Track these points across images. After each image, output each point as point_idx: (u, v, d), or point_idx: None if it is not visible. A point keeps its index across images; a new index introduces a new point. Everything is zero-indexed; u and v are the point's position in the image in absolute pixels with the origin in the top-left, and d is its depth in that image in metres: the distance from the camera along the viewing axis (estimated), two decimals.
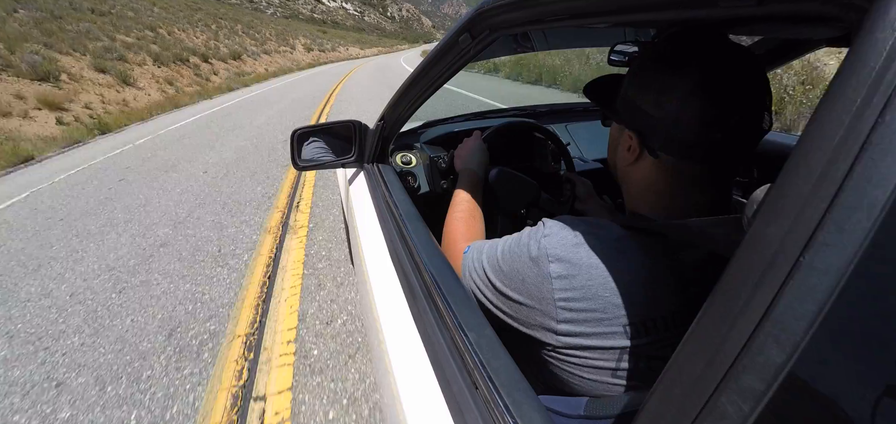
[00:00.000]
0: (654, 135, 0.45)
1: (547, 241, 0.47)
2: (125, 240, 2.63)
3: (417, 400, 0.49)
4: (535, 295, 0.47)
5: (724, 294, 0.22)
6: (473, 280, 0.56)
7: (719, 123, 0.42)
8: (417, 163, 1.31)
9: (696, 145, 0.43)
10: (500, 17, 0.55)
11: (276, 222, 2.80)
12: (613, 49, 0.81)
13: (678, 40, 0.45)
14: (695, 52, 0.43)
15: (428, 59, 0.77)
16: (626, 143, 0.50)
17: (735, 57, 0.42)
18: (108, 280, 2.20)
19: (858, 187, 0.18)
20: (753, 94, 0.42)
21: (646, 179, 0.49)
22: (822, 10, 0.23)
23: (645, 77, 0.47)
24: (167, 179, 3.79)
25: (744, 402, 0.20)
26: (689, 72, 0.42)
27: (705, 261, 0.45)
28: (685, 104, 0.42)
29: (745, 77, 0.42)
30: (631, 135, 0.48)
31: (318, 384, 1.49)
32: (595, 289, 0.43)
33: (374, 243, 0.85)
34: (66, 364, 1.62)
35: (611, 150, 0.57)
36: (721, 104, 0.41)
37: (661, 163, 0.47)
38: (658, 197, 0.49)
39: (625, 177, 0.53)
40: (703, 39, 0.44)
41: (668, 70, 0.44)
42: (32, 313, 1.96)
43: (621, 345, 0.43)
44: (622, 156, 0.51)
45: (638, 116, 0.47)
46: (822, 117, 0.19)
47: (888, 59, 0.17)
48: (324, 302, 1.94)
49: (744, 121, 0.42)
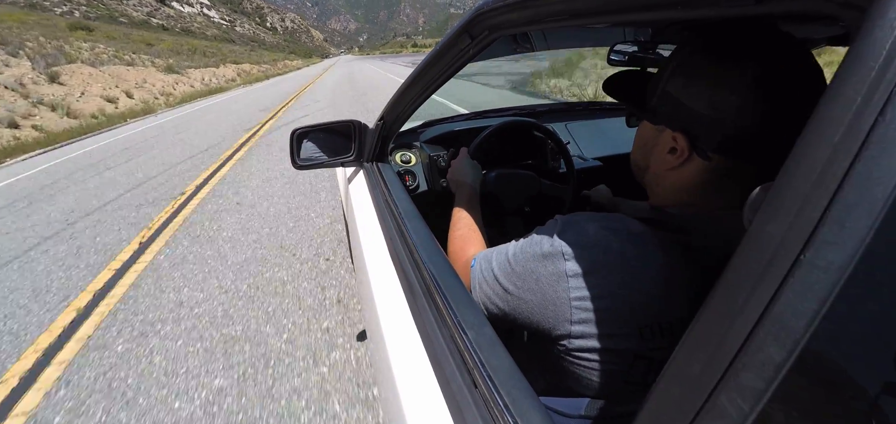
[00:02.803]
0: (707, 135, 0.42)
1: (561, 238, 0.45)
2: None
3: (417, 399, 0.49)
4: (550, 294, 0.45)
5: (725, 292, 0.22)
6: (484, 290, 0.54)
7: (780, 121, 0.39)
8: (417, 162, 1.31)
9: (755, 145, 0.40)
10: (500, 18, 0.55)
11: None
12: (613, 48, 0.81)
13: (733, 32, 0.41)
14: (753, 43, 0.40)
15: (427, 59, 0.77)
16: (667, 145, 0.46)
17: (792, 48, 0.40)
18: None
19: (858, 185, 0.18)
20: (811, 86, 0.39)
21: (688, 181, 0.45)
22: (822, 10, 0.23)
23: (693, 72, 0.43)
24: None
25: (743, 400, 0.20)
26: (749, 66, 0.39)
27: (727, 260, 0.44)
28: (746, 100, 0.39)
29: (803, 69, 0.40)
30: (675, 136, 0.44)
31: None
32: (612, 288, 0.42)
33: (373, 242, 0.85)
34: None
35: (641, 152, 0.52)
36: (782, 101, 0.39)
37: (710, 165, 0.43)
38: (691, 196, 0.46)
39: (661, 180, 0.49)
40: (760, 30, 0.41)
41: (723, 64, 0.40)
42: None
43: (635, 348, 0.42)
44: (663, 159, 0.47)
45: (685, 115, 0.43)
46: (822, 115, 0.19)
47: (887, 58, 0.17)
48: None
49: (801, 115, 0.41)
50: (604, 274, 0.42)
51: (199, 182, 4.14)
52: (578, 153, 1.48)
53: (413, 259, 0.65)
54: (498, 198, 1.07)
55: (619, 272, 0.42)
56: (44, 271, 2.56)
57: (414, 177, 1.28)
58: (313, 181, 3.74)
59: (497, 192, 1.06)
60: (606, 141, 1.55)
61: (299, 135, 1.09)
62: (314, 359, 1.62)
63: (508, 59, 2.84)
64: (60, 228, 3.25)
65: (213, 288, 2.18)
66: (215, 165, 4.75)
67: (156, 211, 3.42)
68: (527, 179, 1.09)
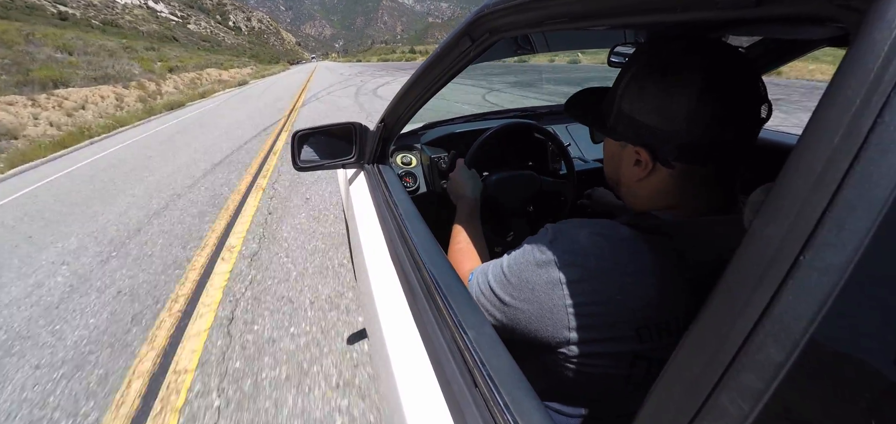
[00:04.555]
0: (665, 146, 0.44)
1: (553, 247, 0.46)
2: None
3: (417, 398, 0.49)
4: (546, 303, 0.45)
5: (725, 293, 0.22)
6: (481, 303, 0.54)
7: (729, 121, 0.42)
8: (417, 164, 1.31)
9: (709, 147, 0.43)
10: (500, 21, 0.55)
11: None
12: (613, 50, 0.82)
13: (669, 48, 0.44)
14: (691, 55, 0.43)
15: (428, 61, 0.77)
16: (631, 159, 0.48)
17: (726, 53, 0.43)
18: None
19: (858, 186, 0.18)
20: (751, 87, 0.43)
21: (658, 189, 0.48)
22: (821, 12, 0.23)
23: (641, 89, 0.45)
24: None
25: (743, 401, 0.20)
26: (692, 77, 0.41)
27: (716, 262, 0.45)
28: (694, 109, 0.41)
29: (740, 71, 0.43)
30: (638, 150, 0.47)
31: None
32: (606, 293, 0.42)
33: (374, 243, 0.85)
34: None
35: (611, 166, 0.55)
36: (728, 102, 0.42)
37: (674, 172, 0.46)
38: (668, 201, 0.48)
39: (634, 190, 0.51)
40: (694, 42, 0.44)
41: (667, 78, 0.43)
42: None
43: (634, 349, 0.42)
44: (630, 172, 0.49)
45: (642, 131, 0.45)
46: (822, 117, 0.19)
47: (886, 60, 0.17)
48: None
49: (748, 115, 0.43)
50: (598, 279, 0.43)
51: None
52: (579, 154, 1.48)
53: (413, 259, 0.66)
54: (500, 202, 1.07)
55: (613, 276, 0.42)
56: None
57: (414, 178, 1.29)
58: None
59: (498, 197, 1.07)
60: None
61: (301, 137, 1.10)
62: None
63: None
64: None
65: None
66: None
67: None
68: (526, 179, 1.10)
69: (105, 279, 2.52)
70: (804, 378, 0.19)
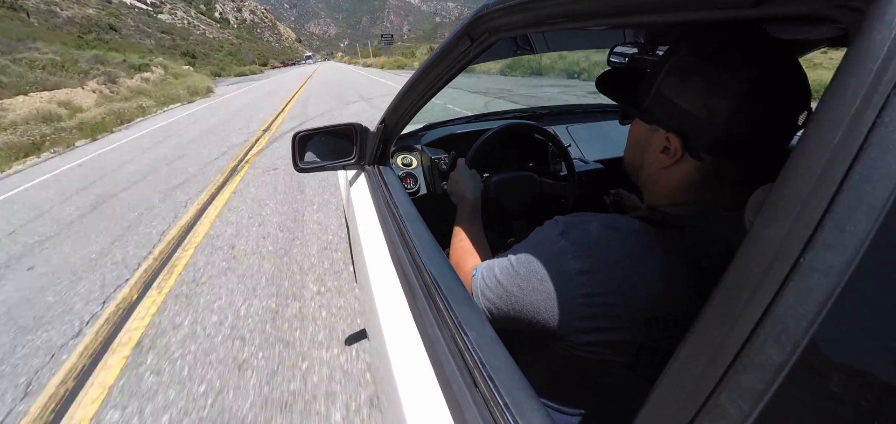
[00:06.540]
0: (700, 137, 0.43)
1: (565, 238, 0.46)
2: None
3: (417, 398, 0.49)
4: (556, 293, 0.45)
5: (725, 293, 0.22)
6: (487, 297, 0.54)
7: (770, 123, 0.41)
8: (418, 164, 1.32)
9: (746, 146, 0.42)
10: (500, 21, 0.55)
11: None
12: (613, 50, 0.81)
13: (724, 38, 0.43)
14: (748, 50, 0.41)
15: (428, 61, 0.77)
16: (660, 145, 0.47)
17: (783, 55, 0.41)
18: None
19: (858, 187, 0.18)
20: (800, 93, 0.41)
21: (681, 181, 0.47)
22: (820, 12, 0.23)
23: (687, 75, 0.43)
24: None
25: (744, 402, 0.20)
26: (744, 72, 0.40)
27: (725, 256, 0.45)
28: (739, 105, 0.40)
29: (792, 76, 0.41)
30: (669, 136, 0.45)
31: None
32: (617, 285, 0.42)
33: (374, 243, 0.85)
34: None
35: (635, 151, 0.53)
36: (774, 104, 0.40)
37: (701, 165, 0.45)
38: (686, 195, 0.47)
39: (655, 179, 0.50)
40: (754, 37, 0.42)
41: (718, 68, 0.41)
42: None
43: (641, 340, 0.43)
44: (655, 159, 0.48)
45: (679, 117, 0.44)
46: (821, 118, 0.19)
47: (886, 60, 0.17)
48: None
49: (790, 121, 0.42)
50: (609, 272, 0.43)
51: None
52: (579, 155, 1.48)
53: (414, 260, 0.66)
54: (501, 203, 1.07)
55: (624, 269, 0.43)
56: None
57: (415, 179, 1.29)
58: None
59: (499, 198, 1.07)
60: (608, 143, 1.55)
61: (301, 138, 1.10)
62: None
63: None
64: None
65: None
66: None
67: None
68: (527, 180, 1.10)
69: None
70: (805, 379, 0.19)
